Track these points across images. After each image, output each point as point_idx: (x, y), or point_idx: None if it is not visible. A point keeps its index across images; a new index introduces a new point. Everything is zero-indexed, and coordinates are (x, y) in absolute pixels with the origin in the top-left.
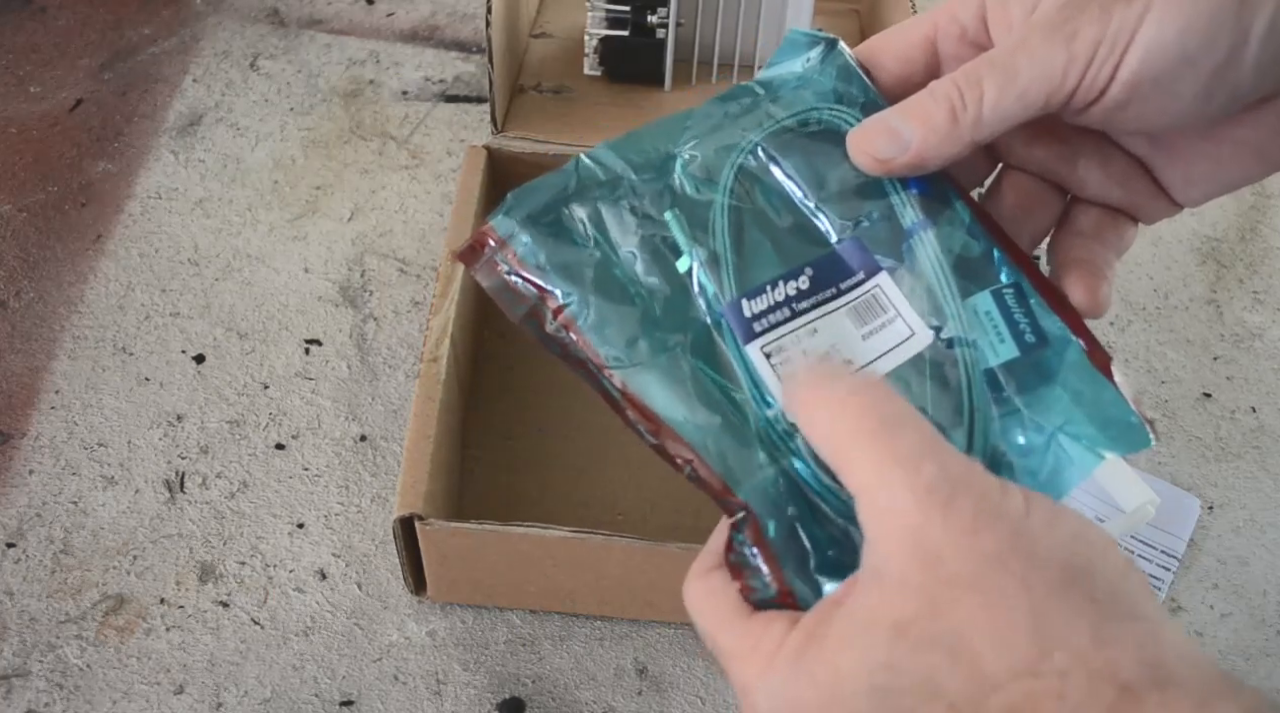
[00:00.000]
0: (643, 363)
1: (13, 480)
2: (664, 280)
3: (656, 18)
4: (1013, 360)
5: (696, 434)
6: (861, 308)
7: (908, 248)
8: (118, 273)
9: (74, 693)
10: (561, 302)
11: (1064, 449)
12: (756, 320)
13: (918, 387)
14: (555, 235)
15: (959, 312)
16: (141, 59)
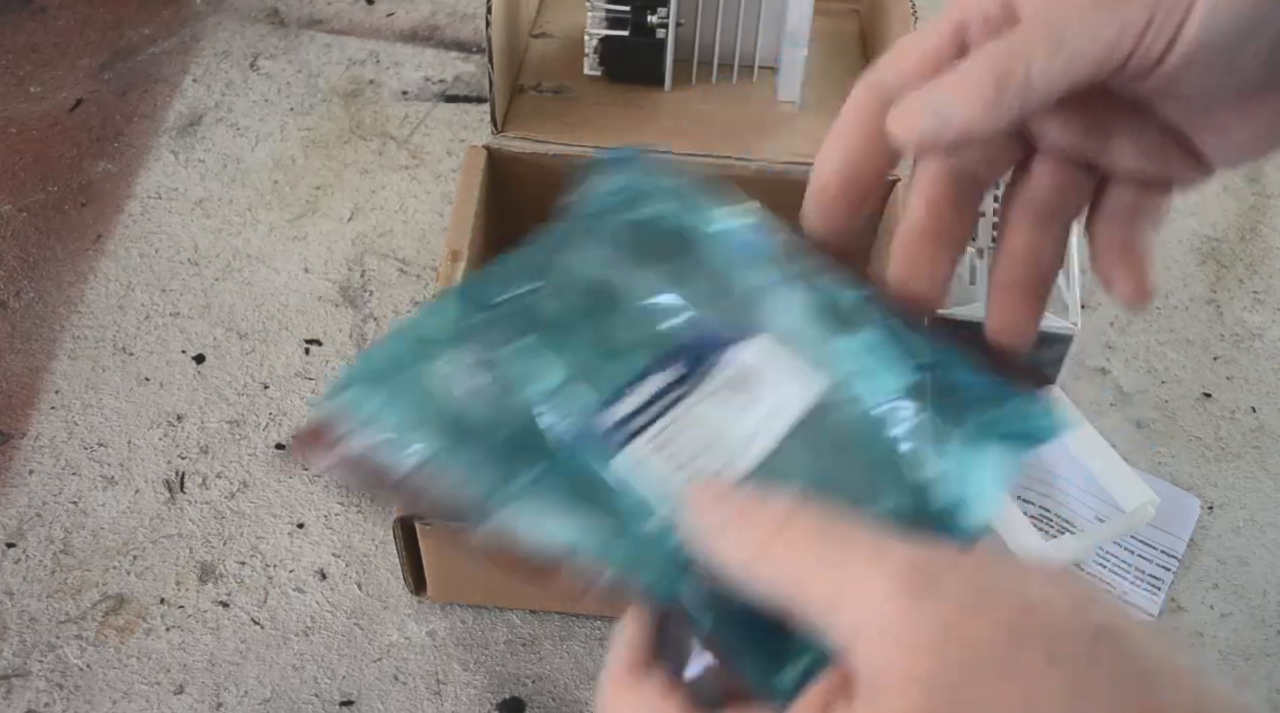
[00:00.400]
0: (516, 499)
1: (13, 480)
2: (520, 411)
3: (656, 18)
4: (909, 387)
5: (595, 547)
6: (734, 382)
7: (767, 308)
8: (118, 273)
9: (74, 693)
10: (420, 459)
11: (983, 458)
12: (625, 426)
13: (816, 444)
14: (398, 398)
15: (835, 357)
16: (141, 59)
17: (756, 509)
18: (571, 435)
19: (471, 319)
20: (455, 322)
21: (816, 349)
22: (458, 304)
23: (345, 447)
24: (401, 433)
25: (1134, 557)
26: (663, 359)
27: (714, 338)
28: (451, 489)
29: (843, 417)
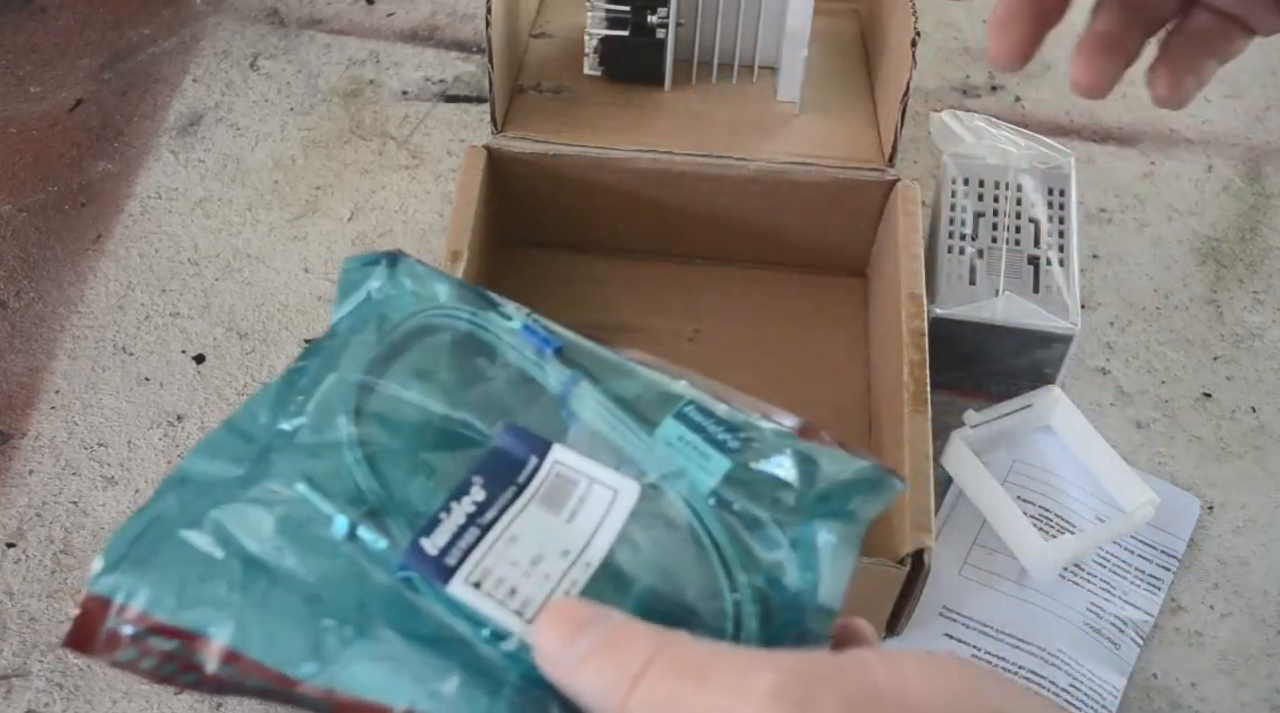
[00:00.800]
0: (339, 659)
1: (13, 480)
2: (324, 558)
3: (656, 18)
4: (729, 472)
5: (441, 704)
6: (551, 492)
7: (568, 411)
8: (118, 273)
9: (74, 693)
10: (215, 637)
11: (827, 532)
12: (446, 554)
13: (649, 543)
14: (176, 567)
15: (652, 449)
16: (141, 59)
17: (624, 640)
18: (391, 569)
19: (238, 468)
20: (223, 473)
21: (623, 451)
22: (222, 449)
23: (126, 637)
24: (191, 615)
25: (1134, 557)
26: (467, 479)
27: (521, 447)
28: (269, 663)
29: (664, 521)
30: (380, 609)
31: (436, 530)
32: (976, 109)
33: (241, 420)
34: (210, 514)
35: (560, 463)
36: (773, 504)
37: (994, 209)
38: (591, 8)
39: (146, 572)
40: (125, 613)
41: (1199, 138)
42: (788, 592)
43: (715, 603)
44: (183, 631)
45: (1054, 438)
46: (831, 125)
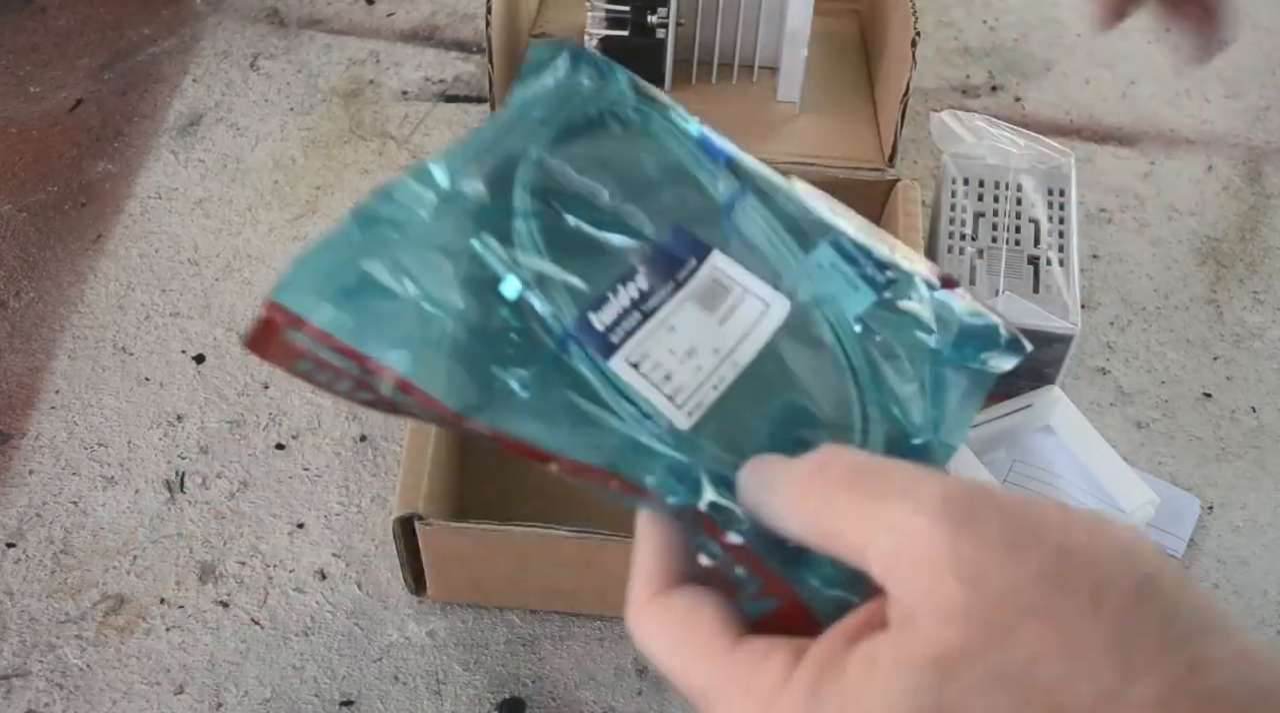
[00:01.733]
0: (502, 405)
1: (13, 480)
2: (495, 314)
3: (656, 18)
4: (874, 305)
5: (597, 454)
6: (706, 294)
7: (731, 220)
8: (118, 273)
9: (74, 693)
10: (391, 365)
11: (957, 375)
12: (611, 332)
13: (793, 357)
14: (359, 294)
15: (806, 270)
16: (141, 59)
17: (793, 462)
18: (559, 335)
19: (418, 215)
20: (405, 216)
21: (788, 264)
22: (405, 196)
23: (303, 351)
24: (371, 339)
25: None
26: (633, 267)
27: (684, 247)
28: (442, 398)
29: (809, 339)
30: (542, 371)
31: (604, 308)
32: (976, 109)
33: (422, 175)
34: (392, 252)
35: (719, 268)
36: (910, 342)
37: (994, 209)
38: (591, 8)
39: (330, 293)
40: (306, 327)
41: (1199, 138)
42: (915, 424)
43: (847, 424)
44: (360, 354)
45: (1054, 438)
46: (831, 125)
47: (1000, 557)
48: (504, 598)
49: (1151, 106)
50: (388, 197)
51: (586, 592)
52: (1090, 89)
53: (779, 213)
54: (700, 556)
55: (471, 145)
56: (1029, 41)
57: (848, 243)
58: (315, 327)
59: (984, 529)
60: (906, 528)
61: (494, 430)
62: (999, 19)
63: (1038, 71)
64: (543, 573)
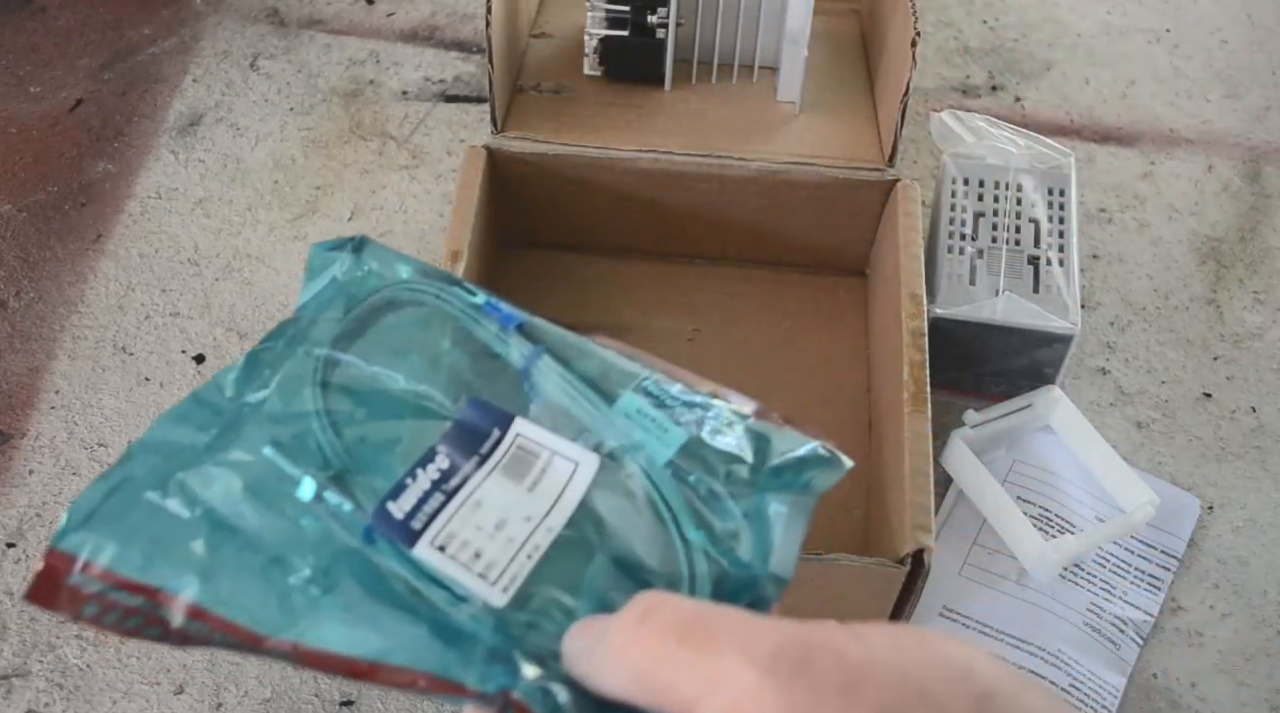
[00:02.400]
0: (305, 615)
1: (13, 480)
2: (290, 520)
3: (656, 18)
4: (685, 445)
5: (407, 654)
6: (512, 463)
7: (530, 384)
8: (118, 273)
9: (74, 693)
10: (180, 592)
11: (779, 503)
12: (412, 518)
13: (609, 511)
14: (142, 526)
15: (611, 421)
16: (141, 59)
17: (616, 616)
18: (359, 532)
19: (207, 431)
20: (191, 439)
21: (593, 418)
22: (189, 418)
23: (89, 593)
24: (158, 569)
25: (1134, 557)
26: (434, 447)
27: (484, 419)
28: (236, 619)
29: (623, 490)
30: (346, 570)
31: (402, 496)
32: (976, 109)
33: (208, 393)
34: (177, 476)
35: (522, 435)
36: (727, 477)
37: (994, 209)
38: (591, 8)
39: (112, 530)
40: (90, 569)
41: (1199, 138)
42: (741, 560)
43: (672, 569)
44: (148, 587)
45: (1054, 438)
46: (831, 125)
47: (836, 703)
48: None
49: (1151, 106)
50: (171, 421)
51: None
52: (1090, 89)
53: (577, 369)
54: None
55: (259, 355)
56: (1029, 41)
57: (652, 386)
58: (99, 567)
59: (817, 678)
60: (738, 683)
61: (295, 647)
62: (999, 19)
63: (1038, 71)
64: None
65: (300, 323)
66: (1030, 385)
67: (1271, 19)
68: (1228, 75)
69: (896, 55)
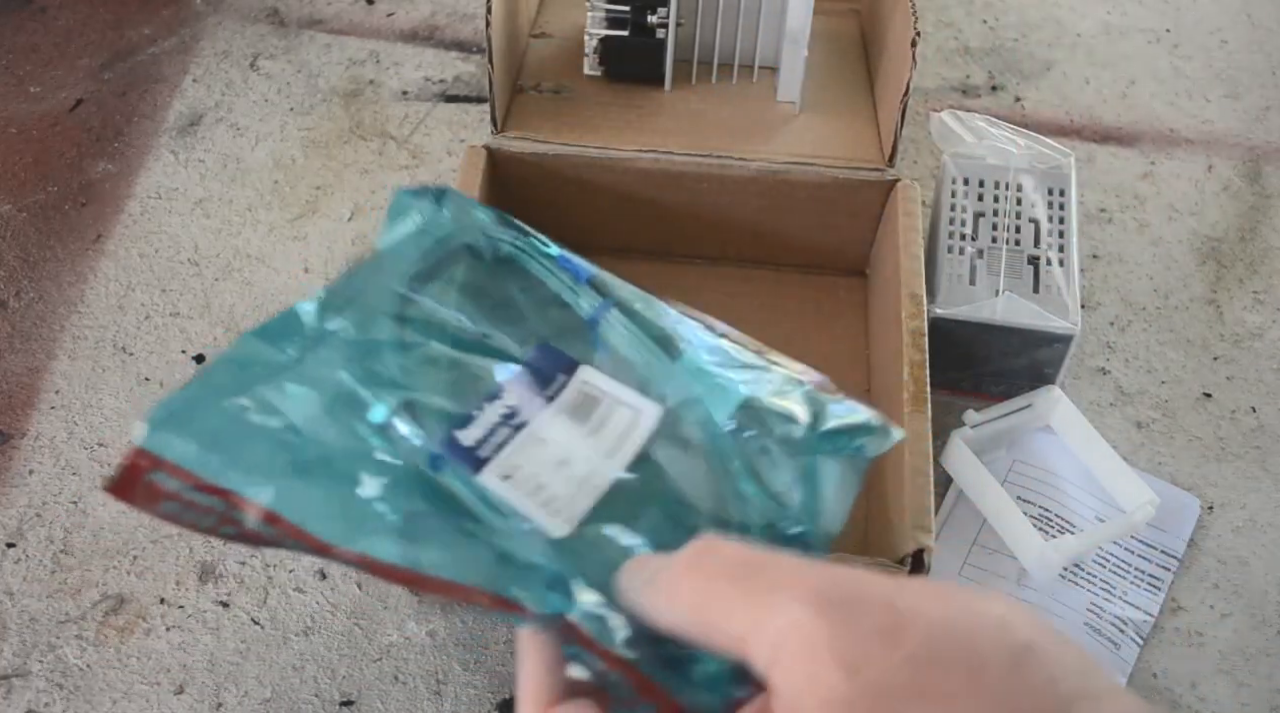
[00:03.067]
0: (373, 529)
1: (13, 480)
2: (360, 440)
3: (656, 18)
4: (744, 402)
5: (468, 571)
6: (577, 406)
7: (597, 335)
8: (118, 273)
9: (74, 693)
10: (256, 498)
11: (832, 464)
12: (479, 448)
13: (668, 460)
14: (222, 432)
15: (674, 375)
16: (141, 59)
17: (671, 556)
18: (427, 457)
19: (285, 354)
20: (270, 356)
21: (655, 372)
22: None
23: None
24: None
25: (1134, 557)
26: (502, 385)
27: (552, 363)
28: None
29: (681, 441)
30: (413, 492)
31: (471, 426)
32: (976, 109)
33: (289, 317)
34: (257, 389)
35: (588, 382)
36: (782, 436)
37: (994, 209)
38: (591, 8)
39: (193, 433)
40: (169, 469)
41: (1199, 138)
42: (792, 515)
43: (726, 519)
44: (225, 490)
45: (1054, 438)
46: (831, 125)
47: (878, 643)
48: None
49: (1151, 106)
50: (254, 338)
51: None
52: (1090, 89)
53: (644, 324)
54: (572, 666)
55: (340, 287)
56: (1029, 41)
57: (715, 346)
58: (180, 467)
59: (861, 618)
60: (786, 620)
61: (362, 557)
62: (999, 19)
63: (1038, 71)
64: None
65: (380, 261)
66: (1030, 385)
67: (1271, 19)
68: (1228, 75)
69: (896, 55)
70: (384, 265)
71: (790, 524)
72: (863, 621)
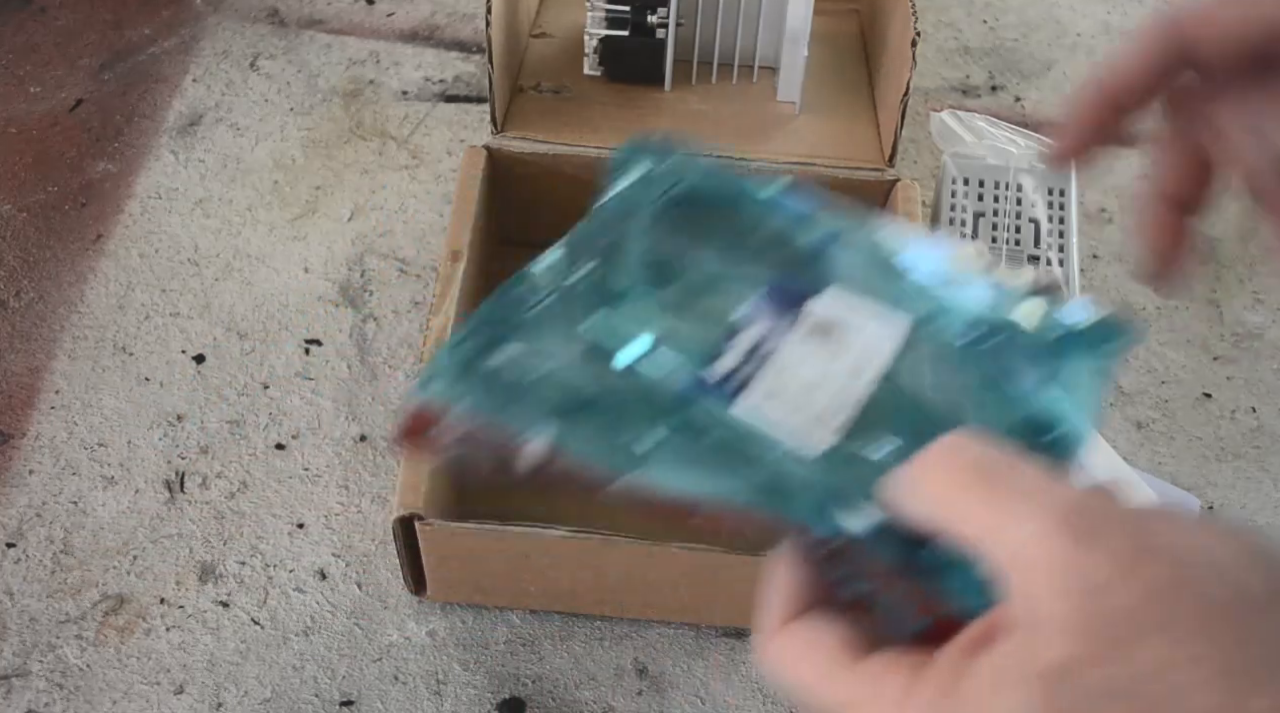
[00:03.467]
0: (643, 464)
1: (13, 480)
2: (622, 379)
3: (656, 18)
4: (978, 315)
5: (737, 496)
6: (821, 329)
7: (829, 261)
8: (118, 273)
9: (74, 693)
10: (533, 438)
11: (1073, 369)
12: (733, 377)
13: (911, 377)
14: (495, 379)
15: (906, 294)
16: (141, 59)
17: (924, 450)
18: (683, 391)
19: (539, 304)
20: (524, 307)
21: (888, 293)
22: (517, 292)
23: (452, 436)
24: (515, 416)
25: None
26: (743, 319)
27: (788, 294)
28: (577, 464)
29: (932, 351)
30: (672, 426)
31: (720, 360)
32: (976, 109)
33: (534, 271)
34: (523, 333)
35: (829, 305)
36: (1023, 344)
37: (994, 209)
38: (591, 8)
39: (467, 385)
40: (449, 416)
41: None
42: (1040, 422)
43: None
44: (504, 432)
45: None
46: (831, 125)
47: (1122, 570)
48: (504, 598)
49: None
50: (511, 286)
51: (586, 592)
52: None
53: (872, 248)
54: (841, 587)
55: (581, 234)
56: (1029, 41)
57: (946, 263)
58: (458, 413)
59: (1107, 542)
60: (1030, 533)
61: (638, 488)
62: (999, 19)
63: (1038, 71)
64: (543, 573)
65: (615, 209)
66: None
67: None
68: None
69: (896, 55)
70: (620, 212)
71: (1038, 431)
72: (1108, 544)
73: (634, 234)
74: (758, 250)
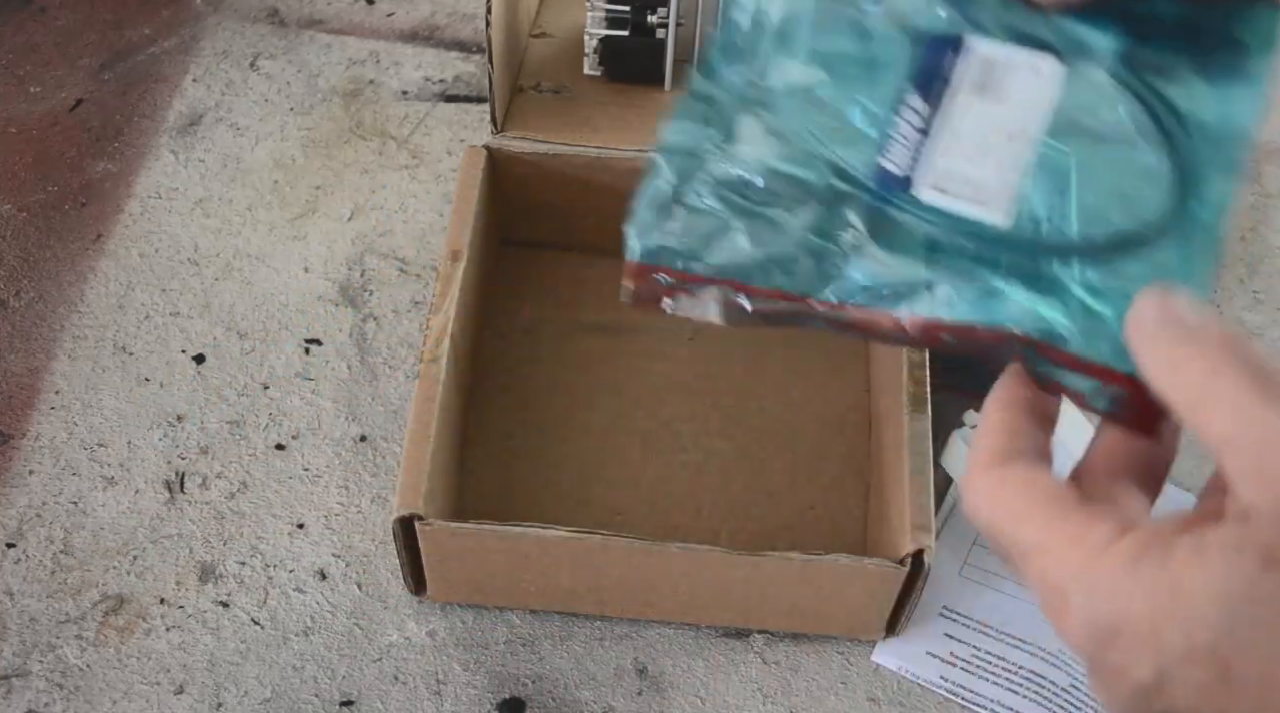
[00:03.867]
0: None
1: (13, 480)
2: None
3: (656, 18)
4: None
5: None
6: (978, 80)
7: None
8: (118, 273)
9: (74, 693)
10: (746, 280)
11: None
12: (908, 167)
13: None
14: (694, 228)
15: (1053, 31)
16: (141, 59)
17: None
18: (863, 197)
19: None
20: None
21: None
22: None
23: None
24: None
25: None
26: (901, 95)
27: (935, 56)
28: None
29: (1086, 87)
30: (861, 231)
31: (892, 149)
32: None
33: (698, 87)
34: (703, 176)
35: (977, 53)
36: (1172, 61)
37: None
38: (591, 8)
39: (675, 238)
40: (667, 273)
41: None
42: (1207, 126)
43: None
44: (717, 279)
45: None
46: None
47: None
48: (504, 598)
49: None
50: (676, 126)
51: (586, 592)
52: None
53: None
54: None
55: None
56: None
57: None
58: (674, 269)
59: None
60: (1270, 433)
61: (839, 306)
62: None
63: None
64: (543, 573)
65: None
66: None
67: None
68: None
69: None
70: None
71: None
72: None
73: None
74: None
